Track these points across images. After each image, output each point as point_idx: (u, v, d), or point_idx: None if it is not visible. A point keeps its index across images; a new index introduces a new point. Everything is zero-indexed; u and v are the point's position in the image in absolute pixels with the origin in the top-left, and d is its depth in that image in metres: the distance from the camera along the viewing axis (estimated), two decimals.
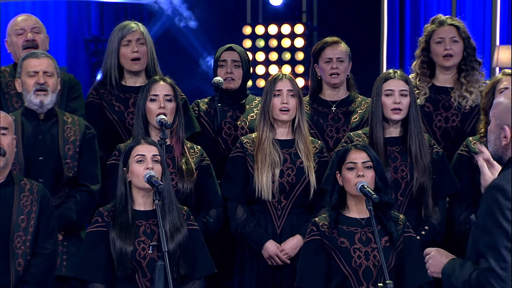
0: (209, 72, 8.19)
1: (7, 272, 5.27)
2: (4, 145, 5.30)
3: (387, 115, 5.94)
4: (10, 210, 5.32)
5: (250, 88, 6.80)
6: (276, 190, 5.97)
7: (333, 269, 5.32)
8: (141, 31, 6.37)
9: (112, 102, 6.36)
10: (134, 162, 5.29)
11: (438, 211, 5.95)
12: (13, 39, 6.44)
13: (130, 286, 5.23)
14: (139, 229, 5.28)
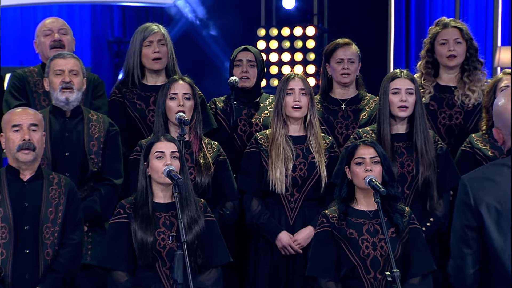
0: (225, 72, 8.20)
1: (36, 261, 5.28)
2: (34, 141, 5.31)
3: (394, 113, 5.93)
4: (39, 202, 5.33)
5: (264, 87, 6.80)
6: (289, 184, 5.98)
7: (342, 259, 5.33)
8: (162, 33, 6.38)
9: (134, 100, 6.37)
10: (154, 158, 5.31)
11: (442, 203, 5.95)
12: (41, 40, 6.45)
13: (150, 274, 5.26)
14: (159, 220, 5.30)
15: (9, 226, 5.26)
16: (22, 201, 5.30)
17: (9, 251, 5.25)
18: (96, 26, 11.52)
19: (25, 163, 5.33)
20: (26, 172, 5.35)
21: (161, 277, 5.26)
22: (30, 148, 5.30)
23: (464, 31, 6.37)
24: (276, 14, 10.79)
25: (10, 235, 5.25)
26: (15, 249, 5.26)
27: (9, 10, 10.81)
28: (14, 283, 5.25)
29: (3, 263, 5.24)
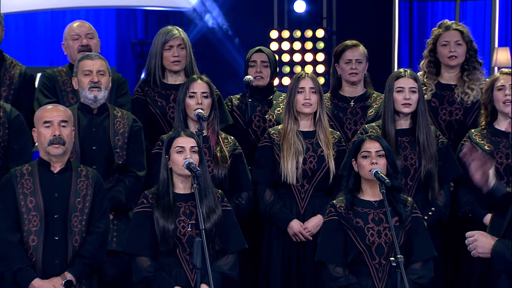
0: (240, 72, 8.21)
1: (65, 248, 5.29)
2: (64, 136, 5.32)
3: (398, 109, 5.94)
4: (68, 193, 5.33)
5: (277, 86, 6.82)
6: (300, 176, 5.99)
7: (349, 246, 5.32)
8: (182, 37, 6.37)
9: (155, 98, 6.38)
10: (175, 152, 5.32)
11: (443, 194, 5.95)
12: (70, 43, 6.46)
13: (172, 260, 5.27)
14: (179, 210, 5.31)
15: (40, 215, 5.27)
16: (52, 191, 5.31)
17: (40, 238, 5.26)
18: (121, 28, 11.54)
19: (56, 157, 5.34)
20: (56, 164, 5.36)
21: (181, 262, 5.27)
22: (60, 142, 5.31)
23: (464, 33, 6.37)
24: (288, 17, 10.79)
25: (41, 223, 5.27)
26: (45, 236, 5.26)
27: (40, 14, 10.84)
28: (44, 268, 5.26)
29: (34, 249, 5.26)
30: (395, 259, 4.95)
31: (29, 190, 5.30)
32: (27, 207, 5.28)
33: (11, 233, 5.26)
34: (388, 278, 5.25)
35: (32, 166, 5.38)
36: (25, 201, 5.29)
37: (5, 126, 5.87)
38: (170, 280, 5.24)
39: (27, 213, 5.27)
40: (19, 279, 5.22)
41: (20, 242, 5.26)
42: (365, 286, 5.27)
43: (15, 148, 5.88)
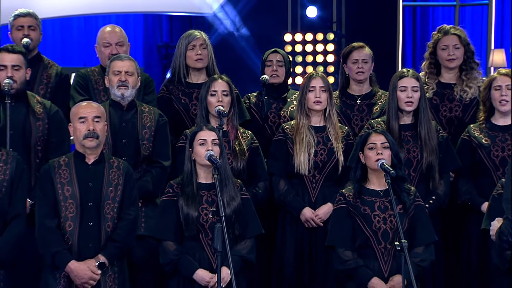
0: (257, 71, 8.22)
1: (98, 233, 5.31)
2: (97, 130, 5.33)
3: (401, 107, 5.94)
4: (101, 182, 5.35)
5: (291, 84, 6.81)
6: (311, 167, 5.99)
7: (357, 231, 5.32)
8: (204, 38, 6.39)
9: (179, 96, 6.39)
10: (198, 145, 5.33)
11: (443, 184, 5.95)
12: (101, 49, 6.46)
13: (195, 244, 5.29)
14: (202, 198, 5.32)
15: (76, 203, 5.29)
16: (87, 181, 5.33)
17: (75, 224, 5.28)
18: (148, 32, 11.55)
19: (90, 149, 5.35)
20: (90, 156, 5.38)
21: (204, 246, 5.29)
22: (94, 136, 5.33)
23: (462, 37, 6.35)
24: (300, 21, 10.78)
25: (77, 210, 5.28)
26: (80, 222, 5.28)
27: (74, 19, 10.87)
28: (80, 251, 5.27)
29: (70, 234, 5.27)
30: (399, 244, 4.95)
31: (66, 180, 5.32)
32: (64, 196, 5.30)
33: (50, 219, 5.28)
34: (393, 261, 5.26)
35: (69, 158, 5.40)
36: (62, 190, 5.31)
37: (45, 121, 5.90)
38: (193, 263, 5.26)
39: (64, 201, 5.29)
40: (57, 261, 5.24)
41: (58, 227, 5.28)
42: (372, 268, 5.27)
43: (54, 141, 5.91)
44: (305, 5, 10.64)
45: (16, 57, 5.83)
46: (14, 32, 6.50)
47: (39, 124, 5.87)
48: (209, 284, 5.21)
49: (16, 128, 5.74)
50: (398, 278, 5.18)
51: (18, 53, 5.87)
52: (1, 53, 5.84)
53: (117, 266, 5.34)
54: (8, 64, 5.79)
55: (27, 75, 5.90)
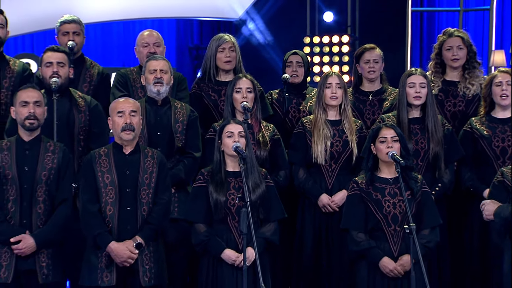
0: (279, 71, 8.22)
1: (135, 216, 5.31)
2: (134, 123, 5.34)
3: (410, 101, 5.91)
4: (138, 171, 5.34)
5: (309, 82, 6.79)
6: (328, 157, 5.97)
7: (369, 215, 5.31)
8: (232, 41, 6.38)
9: (209, 92, 6.39)
10: (226, 137, 5.33)
11: (448, 172, 5.91)
12: (140, 49, 6.49)
13: (223, 227, 5.29)
14: (230, 184, 5.31)
15: (115, 189, 5.29)
16: (124, 169, 5.33)
17: (115, 208, 5.29)
18: (180, 36, 11.55)
19: (127, 141, 5.35)
20: (127, 147, 5.38)
21: (231, 229, 5.29)
22: (131, 129, 5.33)
23: (465, 39, 6.33)
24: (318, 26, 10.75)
25: (116, 196, 5.29)
26: (119, 206, 5.29)
27: (114, 24, 10.89)
28: (119, 233, 5.28)
29: (110, 217, 5.28)
30: (408, 227, 4.94)
31: (106, 168, 5.33)
32: (104, 183, 5.31)
33: (92, 204, 5.29)
34: (402, 242, 5.24)
35: (108, 149, 5.41)
36: (102, 178, 5.32)
37: (86, 113, 5.93)
38: (222, 243, 5.26)
39: (104, 188, 5.30)
40: (99, 242, 5.26)
41: (99, 211, 5.29)
42: (383, 249, 5.26)
43: (95, 132, 5.93)
44: (322, 10, 10.60)
45: (60, 55, 5.88)
46: (60, 37, 6.53)
47: (81, 116, 5.90)
48: (235, 263, 5.21)
49: (61, 120, 5.77)
50: (407, 257, 5.16)
51: (62, 52, 5.94)
52: (47, 52, 5.91)
53: (153, 246, 5.34)
54: (54, 61, 5.84)
55: (70, 73, 5.94)
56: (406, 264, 5.19)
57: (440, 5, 11.50)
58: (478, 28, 11.24)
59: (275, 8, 10.86)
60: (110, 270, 5.25)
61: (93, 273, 5.26)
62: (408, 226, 4.93)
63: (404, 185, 5.17)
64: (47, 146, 5.40)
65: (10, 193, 5.28)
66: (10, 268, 5.23)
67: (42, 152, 5.37)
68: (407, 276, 5.13)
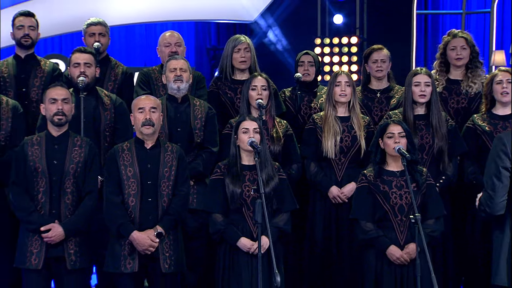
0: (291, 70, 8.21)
1: (156, 207, 5.30)
2: (153, 119, 5.33)
3: (416, 99, 5.88)
4: (158, 164, 5.34)
5: (320, 81, 6.78)
6: (338, 151, 5.95)
7: (377, 206, 5.29)
8: (248, 42, 6.36)
9: (226, 90, 6.37)
10: (241, 133, 5.31)
11: (452, 166, 5.88)
12: (162, 49, 6.49)
13: (239, 216, 5.27)
14: (245, 177, 5.29)
15: (137, 181, 5.28)
16: (146, 163, 5.32)
17: (137, 200, 5.28)
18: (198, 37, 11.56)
19: (147, 135, 5.35)
20: (148, 142, 5.37)
21: (246, 218, 5.26)
22: (151, 124, 5.33)
23: (468, 39, 6.31)
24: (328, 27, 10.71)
25: (137, 188, 5.28)
26: (141, 198, 5.28)
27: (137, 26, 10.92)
28: (141, 223, 5.28)
29: (133, 208, 5.27)
30: (413, 217, 4.90)
31: (128, 162, 5.32)
32: (127, 175, 5.30)
33: (115, 196, 5.29)
34: (408, 231, 5.21)
35: (130, 143, 5.40)
36: (125, 171, 5.31)
37: (111, 110, 5.94)
38: (237, 232, 5.24)
39: (127, 180, 5.29)
40: (122, 231, 5.26)
41: (122, 202, 5.28)
42: (390, 238, 5.23)
43: (120, 128, 5.94)
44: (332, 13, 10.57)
45: (87, 56, 5.90)
46: (87, 38, 6.55)
47: (107, 113, 5.91)
48: (250, 250, 5.19)
49: (88, 117, 5.79)
50: (413, 246, 5.14)
51: (89, 53, 5.96)
52: (75, 53, 5.93)
53: (173, 235, 5.33)
54: (81, 62, 5.86)
55: (96, 72, 5.96)
56: (411, 252, 5.16)
57: (444, 8, 11.46)
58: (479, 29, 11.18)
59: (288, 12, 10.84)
60: (132, 258, 5.24)
61: (117, 260, 5.26)
62: (414, 216, 4.89)
63: (410, 178, 5.14)
64: (75, 141, 5.40)
65: (40, 185, 5.29)
66: (40, 255, 5.24)
67: (70, 146, 5.37)
68: (412, 263, 5.12)
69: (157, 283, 5.29)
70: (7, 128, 5.74)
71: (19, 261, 5.28)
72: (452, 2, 11.36)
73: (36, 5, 8.74)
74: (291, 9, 10.83)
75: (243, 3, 10.06)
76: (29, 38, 6.31)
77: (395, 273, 5.21)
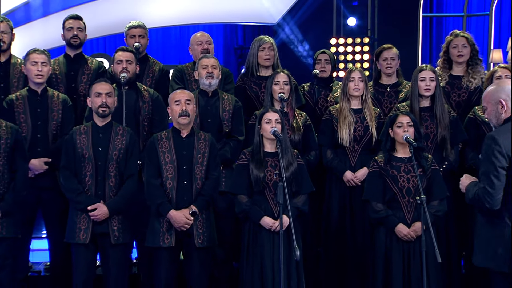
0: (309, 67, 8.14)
1: (191, 189, 5.32)
2: (188, 110, 5.35)
3: (421, 93, 5.84)
4: (192, 151, 5.35)
5: (335, 77, 6.75)
6: (351, 140, 5.92)
7: (387, 189, 5.27)
8: (271, 42, 6.34)
9: (251, 85, 6.36)
10: (265, 123, 5.30)
11: (454, 153, 5.84)
12: (194, 47, 6.51)
13: (261, 198, 5.26)
14: (267, 163, 5.29)
15: (174, 166, 5.31)
16: (182, 150, 5.34)
17: (174, 182, 5.30)
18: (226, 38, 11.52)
19: (183, 125, 5.37)
20: (184, 131, 5.39)
21: (268, 200, 5.26)
22: (186, 115, 5.34)
23: (469, 39, 6.26)
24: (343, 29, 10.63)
25: (174, 172, 5.31)
26: (177, 181, 5.30)
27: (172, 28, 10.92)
28: (177, 203, 5.30)
29: (170, 190, 5.30)
30: (419, 198, 4.89)
31: (166, 149, 5.35)
32: (165, 161, 5.32)
33: (155, 179, 5.32)
34: (415, 211, 5.20)
35: (168, 132, 5.42)
36: (163, 157, 5.33)
37: (150, 103, 5.96)
38: (260, 212, 5.24)
39: (165, 165, 5.32)
40: (160, 210, 5.29)
41: (161, 185, 5.31)
42: (398, 217, 5.22)
43: (157, 119, 5.96)
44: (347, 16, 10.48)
45: (128, 54, 5.92)
46: (128, 39, 6.56)
47: (145, 105, 5.92)
48: (272, 228, 5.19)
49: (128, 108, 5.80)
50: (419, 224, 5.12)
51: (130, 52, 5.98)
52: (118, 52, 5.96)
53: (205, 214, 5.35)
54: (123, 59, 5.88)
55: (136, 69, 5.97)
56: (418, 229, 5.14)
57: (447, 11, 11.37)
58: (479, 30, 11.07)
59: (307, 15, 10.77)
60: (170, 234, 5.27)
61: (156, 236, 5.29)
62: (420, 198, 4.88)
63: (416, 164, 5.11)
64: (117, 130, 5.42)
65: (87, 170, 5.32)
66: (88, 231, 5.28)
67: (113, 135, 5.40)
68: (418, 240, 5.11)
69: (192, 257, 5.31)
70: (58, 119, 5.79)
71: (69, 236, 5.33)
72: (455, 6, 11.26)
73: (83, 10, 8.76)
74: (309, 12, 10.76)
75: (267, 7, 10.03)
76: (78, 38, 6.34)
77: (403, 248, 5.20)
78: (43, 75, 5.78)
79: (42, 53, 5.79)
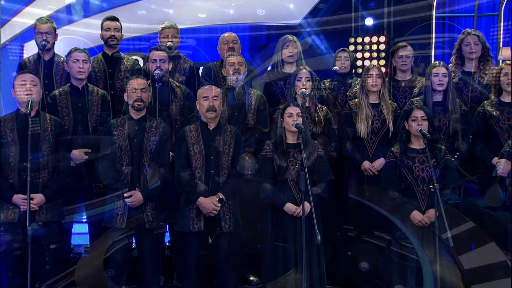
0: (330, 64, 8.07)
1: (217, 177, 5.31)
2: (216, 105, 5.34)
3: (435, 88, 5.77)
4: (219, 142, 5.34)
5: (354, 73, 6.70)
6: (369, 132, 5.86)
7: (402, 178, 5.22)
8: (295, 41, 6.29)
9: (277, 81, 6.32)
10: (287, 117, 5.27)
11: (465, 144, 5.76)
12: (222, 46, 6.49)
13: (284, 185, 5.23)
14: (290, 153, 5.25)
15: (202, 157, 5.30)
16: (209, 141, 5.32)
17: (202, 172, 5.29)
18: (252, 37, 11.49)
19: (211, 119, 5.35)
20: (211, 124, 5.37)
21: (290, 187, 5.23)
22: (214, 110, 5.33)
23: (480, 37, 6.20)
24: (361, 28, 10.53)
25: (203, 162, 5.29)
26: (206, 170, 5.29)
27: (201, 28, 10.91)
28: (205, 190, 5.28)
29: (199, 179, 5.29)
30: (433, 187, 4.84)
31: (195, 141, 5.33)
32: (194, 152, 5.30)
33: (185, 168, 5.31)
34: (428, 199, 5.14)
35: (197, 125, 5.41)
36: (192, 148, 5.31)
37: (181, 98, 5.94)
38: (283, 198, 5.21)
39: (194, 156, 5.30)
40: (190, 197, 5.28)
41: (190, 174, 5.29)
42: (413, 204, 5.17)
43: (187, 113, 5.94)
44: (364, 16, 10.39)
45: (162, 54, 5.92)
46: (162, 39, 6.56)
47: (177, 100, 5.92)
48: (295, 214, 5.16)
49: (162, 103, 5.78)
50: (432, 211, 5.08)
51: (163, 51, 5.97)
52: (152, 51, 5.96)
53: (231, 200, 5.33)
54: (157, 58, 5.88)
55: (169, 67, 5.96)
56: (431, 215, 5.10)
57: (459, 11, 11.21)
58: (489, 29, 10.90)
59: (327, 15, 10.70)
60: (199, 219, 5.26)
61: (186, 221, 5.28)
62: (433, 186, 4.83)
63: (430, 154, 5.07)
64: (151, 123, 5.42)
65: (124, 159, 5.32)
66: (124, 216, 5.29)
67: (147, 127, 5.39)
68: (432, 226, 5.04)
69: (219, 240, 5.30)
70: (97, 112, 5.80)
71: (107, 221, 5.34)
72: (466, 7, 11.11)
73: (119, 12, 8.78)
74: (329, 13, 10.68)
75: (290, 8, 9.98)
76: (115, 38, 6.35)
77: (417, 233, 5.15)
78: (84, 72, 5.80)
79: (82, 52, 5.81)
